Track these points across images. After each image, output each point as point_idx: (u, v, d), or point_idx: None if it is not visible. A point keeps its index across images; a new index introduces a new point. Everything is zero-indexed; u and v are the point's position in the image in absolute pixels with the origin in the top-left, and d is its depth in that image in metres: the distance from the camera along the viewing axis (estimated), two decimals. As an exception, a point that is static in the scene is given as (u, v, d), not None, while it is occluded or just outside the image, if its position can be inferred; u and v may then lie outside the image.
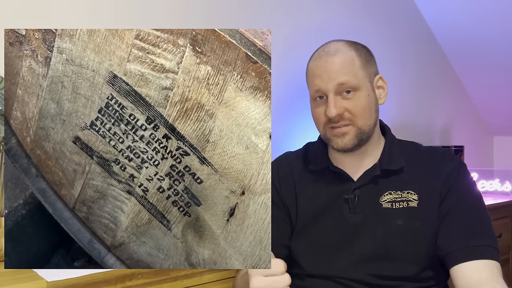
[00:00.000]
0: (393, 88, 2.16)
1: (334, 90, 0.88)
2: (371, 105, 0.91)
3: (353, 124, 0.89)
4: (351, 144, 0.90)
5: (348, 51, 0.91)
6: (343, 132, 0.90)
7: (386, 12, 2.14)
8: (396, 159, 0.94)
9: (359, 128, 0.90)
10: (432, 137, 2.39)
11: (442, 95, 2.47)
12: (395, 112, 2.19)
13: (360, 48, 0.93)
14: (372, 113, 0.91)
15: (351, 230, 0.93)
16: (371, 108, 0.91)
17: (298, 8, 1.79)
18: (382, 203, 0.92)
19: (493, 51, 2.28)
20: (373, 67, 0.94)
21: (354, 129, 0.90)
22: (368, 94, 0.90)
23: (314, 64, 0.93)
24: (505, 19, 2.10)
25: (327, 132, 0.92)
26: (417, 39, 2.30)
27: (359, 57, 0.91)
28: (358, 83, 0.89)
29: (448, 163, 0.93)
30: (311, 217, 0.96)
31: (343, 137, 0.90)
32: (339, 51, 0.90)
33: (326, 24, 1.87)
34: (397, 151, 0.95)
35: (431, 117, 2.41)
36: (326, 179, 0.97)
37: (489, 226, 0.89)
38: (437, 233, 0.89)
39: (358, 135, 0.90)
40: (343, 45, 0.92)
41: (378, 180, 0.93)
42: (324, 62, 0.90)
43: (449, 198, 0.90)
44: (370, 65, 0.93)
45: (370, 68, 0.93)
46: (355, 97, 0.89)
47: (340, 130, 0.90)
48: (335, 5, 1.92)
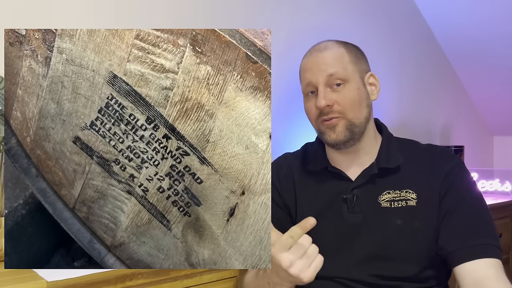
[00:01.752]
0: (393, 88, 2.17)
1: (324, 82, 0.90)
2: (361, 99, 0.92)
3: (342, 116, 0.90)
4: (343, 136, 0.91)
5: (338, 47, 0.94)
6: (333, 124, 0.91)
7: (386, 12, 2.14)
8: (394, 156, 0.94)
9: (349, 120, 0.90)
10: (432, 137, 2.39)
11: (442, 95, 2.47)
12: (395, 112, 2.19)
13: (350, 46, 0.96)
14: (362, 107, 0.92)
15: (351, 230, 0.93)
16: (361, 102, 0.92)
17: (298, 8, 1.79)
18: (381, 203, 0.92)
19: (493, 51, 2.28)
20: (364, 65, 0.96)
21: (344, 121, 0.90)
22: (358, 87, 0.92)
23: (305, 60, 0.96)
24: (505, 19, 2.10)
25: (319, 126, 0.94)
26: (417, 39, 2.30)
27: (349, 53, 0.93)
28: (347, 76, 0.91)
29: (447, 162, 0.93)
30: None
31: (334, 129, 0.91)
32: (328, 47, 0.93)
33: (326, 24, 1.87)
34: (394, 149, 0.96)
35: (431, 117, 2.41)
36: (324, 179, 0.97)
37: (490, 224, 0.89)
38: (437, 232, 0.89)
39: (349, 127, 0.91)
40: (333, 43, 0.95)
41: (376, 179, 0.94)
42: (315, 57, 0.93)
43: (449, 197, 0.90)
44: (361, 62, 0.95)
45: (360, 64, 0.94)
46: (345, 89, 0.90)
47: (330, 123, 0.91)
48: (335, 5, 1.92)
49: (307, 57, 0.95)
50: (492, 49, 2.27)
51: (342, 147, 0.92)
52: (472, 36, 2.26)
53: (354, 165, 0.96)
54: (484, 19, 2.14)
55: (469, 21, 2.20)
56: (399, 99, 2.21)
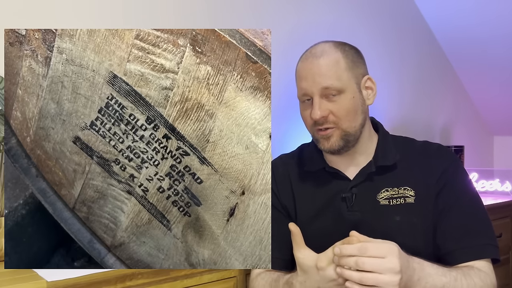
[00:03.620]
0: (394, 88, 2.18)
1: (319, 93, 0.90)
2: (357, 107, 0.92)
3: (337, 126, 0.90)
4: (337, 146, 0.91)
5: (334, 52, 0.91)
6: (328, 135, 0.91)
7: (387, 14, 2.14)
8: (390, 154, 0.95)
9: (344, 130, 0.91)
10: (432, 137, 2.39)
11: (442, 95, 2.48)
12: (395, 112, 2.19)
13: (348, 49, 0.94)
14: (357, 115, 0.92)
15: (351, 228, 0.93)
16: (356, 110, 0.92)
17: (298, 8, 1.79)
18: (380, 200, 0.92)
19: (493, 53, 2.28)
20: (361, 68, 0.95)
21: (338, 131, 0.91)
22: (353, 96, 0.91)
23: (301, 66, 0.94)
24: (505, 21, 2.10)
25: (314, 134, 0.94)
26: (418, 40, 2.30)
27: (345, 58, 0.92)
28: (343, 86, 0.90)
29: (444, 159, 0.94)
30: (310, 218, 0.96)
31: (329, 139, 0.91)
32: (324, 53, 0.91)
33: (327, 24, 1.87)
34: (390, 146, 0.96)
35: (431, 117, 2.41)
36: (322, 179, 0.98)
37: (487, 223, 0.90)
38: (434, 230, 0.90)
39: (344, 137, 0.91)
40: (330, 46, 0.93)
41: (374, 177, 0.94)
42: (310, 64, 0.91)
43: (445, 195, 0.91)
44: (357, 66, 0.93)
45: (357, 69, 0.93)
46: (340, 99, 0.90)
47: (325, 133, 0.91)
48: (336, 5, 1.92)
49: (303, 62, 0.94)
50: (493, 51, 2.27)
51: (337, 153, 0.93)
52: (472, 37, 2.27)
53: (351, 164, 0.96)
54: (484, 21, 2.15)
55: (470, 23, 2.20)
56: (400, 99, 2.22)
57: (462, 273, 0.82)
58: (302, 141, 1.11)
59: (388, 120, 2.12)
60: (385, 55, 2.13)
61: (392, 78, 2.17)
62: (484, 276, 0.84)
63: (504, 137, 2.79)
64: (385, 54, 2.13)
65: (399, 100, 2.21)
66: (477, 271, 0.84)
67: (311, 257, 0.83)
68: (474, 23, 2.19)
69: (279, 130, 1.66)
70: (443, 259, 0.88)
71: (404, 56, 2.23)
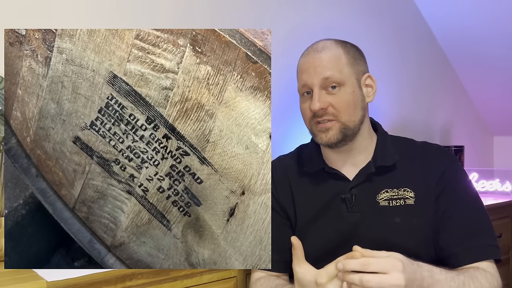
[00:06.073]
0: (393, 88, 2.18)
1: (319, 84, 0.90)
2: (356, 102, 0.92)
3: (337, 119, 0.90)
4: (335, 139, 0.91)
5: (335, 48, 0.93)
6: (327, 127, 0.91)
7: (387, 13, 2.14)
8: (389, 154, 0.95)
9: (343, 124, 0.91)
10: (432, 137, 2.39)
11: (442, 95, 2.48)
12: (395, 112, 2.19)
13: (349, 46, 0.95)
14: (356, 110, 0.92)
15: (350, 229, 0.93)
16: (355, 105, 0.92)
17: (298, 8, 1.79)
18: (379, 201, 0.92)
19: (494, 53, 2.28)
20: (362, 66, 0.95)
21: (338, 124, 0.91)
22: (353, 90, 0.91)
23: (303, 61, 0.95)
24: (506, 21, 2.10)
25: (312, 127, 0.94)
26: (418, 39, 2.31)
27: (346, 54, 0.92)
28: (343, 79, 0.90)
29: (443, 160, 0.94)
30: (310, 218, 0.96)
31: (327, 132, 0.91)
32: (326, 48, 0.92)
33: (327, 24, 1.87)
34: (389, 146, 0.96)
35: (431, 117, 2.41)
36: (322, 180, 0.97)
37: (488, 224, 0.90)
38: (435, 231, 0.90)
39: (342, 131, 0.91)
40: (331, 43, 0.94)
41: (373, 177, 0.94)
42: (311, 58, 0.92)
43: (445, 197, 0.91)
44: (358, 63, 0.94)
45: (357, 66, 0.93)
46: (340, 92, 0.90)
47: (324, 126, 0.91)
48: (336, 5, 1.92)
49: (305, 57, 0.95)
50: (493, 50, 2.27)
51: (334, 146, 0.93)
52: (472, 37, 2.27)
53: (349, 164, 0.96)
54: (484, 20, 2.15)
55: (470, 23, 2.20)
56: (400, 98, 2.22)
57: (470, 277, 0.82)
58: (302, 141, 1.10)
59: (388, 120, 2.12)
60: (385, 55, 2.13)
61: (392, 78, 2.17)
62: (491, 277, 0.84)
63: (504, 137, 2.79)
64: (385, 54, 2.13)
65: (399, 100, 2.21)
66: (483, 272, 0.84)
67: (310, 273, 0.83)
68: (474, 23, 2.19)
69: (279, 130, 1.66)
70: (447, 261, 0.88)
71: (404, 56, 2.23)
